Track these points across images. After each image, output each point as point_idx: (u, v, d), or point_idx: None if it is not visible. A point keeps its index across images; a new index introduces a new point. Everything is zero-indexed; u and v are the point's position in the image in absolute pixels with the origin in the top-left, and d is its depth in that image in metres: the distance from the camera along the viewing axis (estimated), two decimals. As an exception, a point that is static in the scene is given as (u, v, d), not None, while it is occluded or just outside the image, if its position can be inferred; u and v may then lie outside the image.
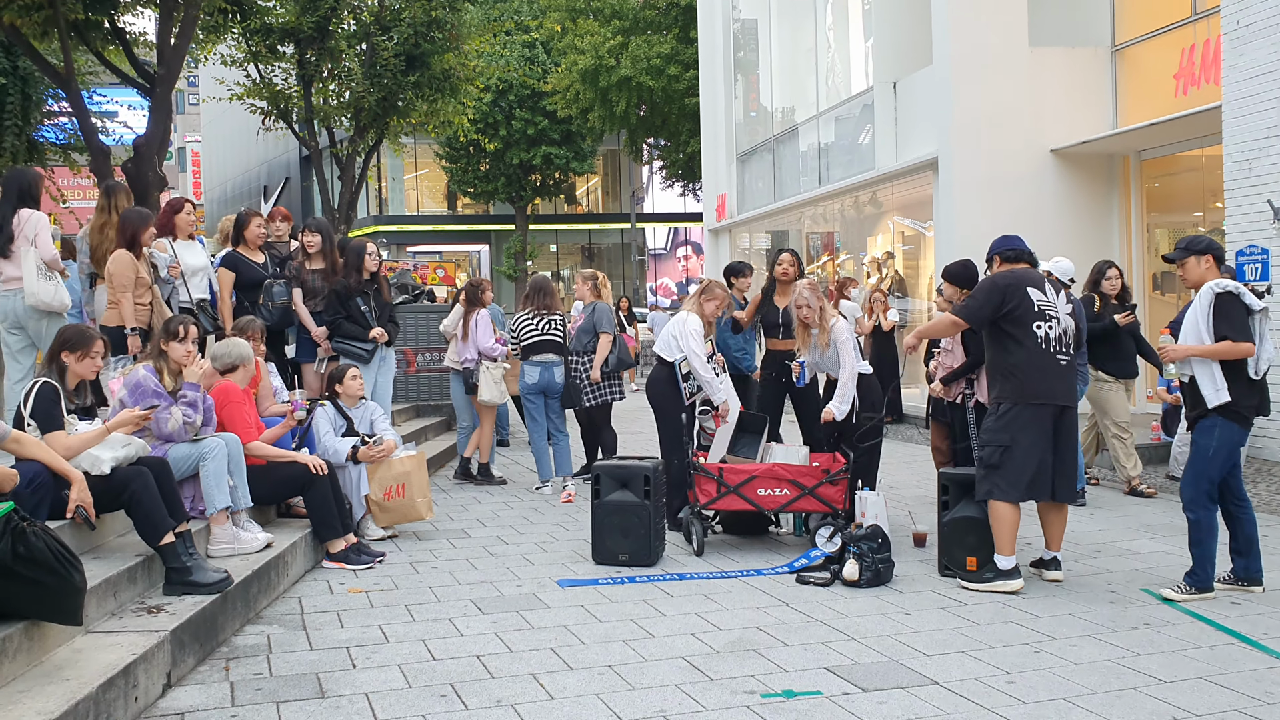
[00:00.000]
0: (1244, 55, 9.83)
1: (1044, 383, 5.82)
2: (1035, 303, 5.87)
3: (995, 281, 6.00)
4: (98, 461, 4.89)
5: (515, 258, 39.51)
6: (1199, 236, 5.96)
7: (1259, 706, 4.24)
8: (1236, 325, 5.62)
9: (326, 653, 4.94)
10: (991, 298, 5.93)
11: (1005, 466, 5.80)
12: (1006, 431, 5.82)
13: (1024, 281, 5.94)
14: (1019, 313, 5.85)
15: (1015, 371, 5.84)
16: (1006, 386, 5.88)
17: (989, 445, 5.89)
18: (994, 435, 5.89)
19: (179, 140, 52.24)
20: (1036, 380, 5.81)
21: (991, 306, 5.91)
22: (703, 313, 7.44)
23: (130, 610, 4.75)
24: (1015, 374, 5.84)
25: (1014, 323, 5.86)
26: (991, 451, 5.86)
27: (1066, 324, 5.96)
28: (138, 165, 13.01)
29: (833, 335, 7.02)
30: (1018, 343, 5.84)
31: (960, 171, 12.94)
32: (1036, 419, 5.80)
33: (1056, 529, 6.15)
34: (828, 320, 7.05)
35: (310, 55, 17.60)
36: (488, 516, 8.15)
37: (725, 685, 4.50)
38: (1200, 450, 5.77)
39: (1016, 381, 5.83)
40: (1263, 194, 9.64)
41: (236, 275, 8.29)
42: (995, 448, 5.84)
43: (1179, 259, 5.90)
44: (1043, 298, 5.91)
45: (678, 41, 28.01)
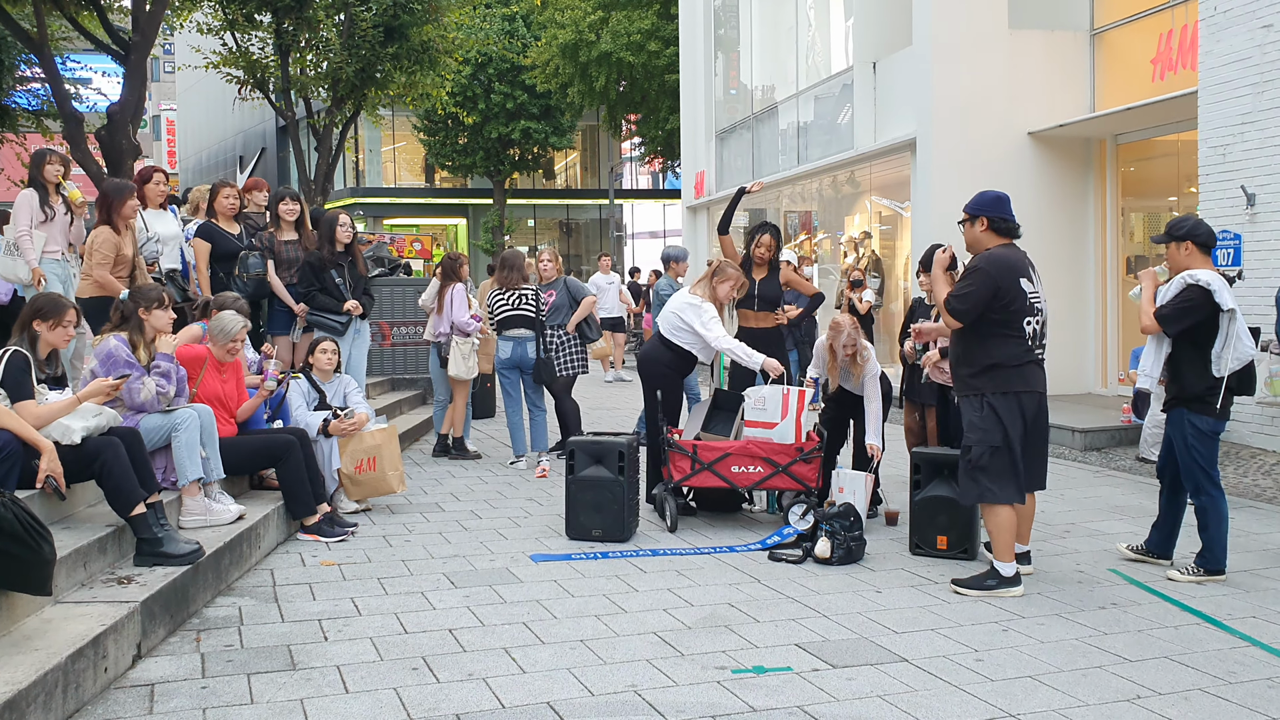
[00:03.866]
0: (1220, 41, 9.88)
1: (1030, 375, 5.50)
2: (1027, 295, 5.48)
3: (989, 272, 5.46)
4: (68, 431, 4.85)
5: (493, 232, 39.33)
6: (1183, 219, 5.89)
7: (1221, 685, 4.30)
8: (1171, 310, 5.65)
9: (298, 625, 4.94)
10: (984, 292, 5.43)
11: (996, 466, 5.45)
12: (996, 429, 5.44)
13: (1017, 271, 5.50)
14: (1014, 308, 5.45)
15: (1000, 366, 5.46)
16: (989, 379, 5.48)
17: (978, 444, 5.48)
18: (983, 434, 5.47)
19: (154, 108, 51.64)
20: (1023, 373, 5.48)
21: (983, 300, 5.44)
22: (715, 296, 7.31)
23: (100, 581, 4.73)
24: (1000, 368, 5.46)
25: (1006, 317, 5.46)
26: (981, 452, 5.47)
27: (1046, 312, 5.68)
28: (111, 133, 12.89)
29: (865, 369, 7.02)
30: (1005, 338, 5.47)
31: (938, 153, 12.96)
32: (1022, 409, 5.47)
33: (1028, 522, 5.89)
34: (861, 353, 7.03)
35: (288, 24, 17.45)
36: (462, 491, 8.15)
37: (696, 661, 4.53)
38: (1177, 442, 5.83)
39: (1001, 374, 5.46)
40: (1236, 179, 9.71)
41: (212, 246, 8.21)
42: (985, 447, 5.46)
43: (1164, 243, 5.89)
44: (1032, 288, 5.53)
45: (658, 18, 27.86)
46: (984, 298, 5.43)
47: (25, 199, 7.19)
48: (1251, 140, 9.59)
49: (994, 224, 5.64)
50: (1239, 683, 4.33)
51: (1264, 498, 8.09)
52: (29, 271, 7.11)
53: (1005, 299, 5.43)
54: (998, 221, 5.64)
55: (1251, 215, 9.56)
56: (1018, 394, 5.47)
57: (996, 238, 5.65)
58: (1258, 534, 6.90)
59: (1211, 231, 5.86)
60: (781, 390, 6.92)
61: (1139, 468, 9.19)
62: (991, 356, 5.48)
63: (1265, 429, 9.53)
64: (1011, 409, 5.45)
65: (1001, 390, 5.46)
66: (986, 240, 5.66)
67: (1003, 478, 5.47)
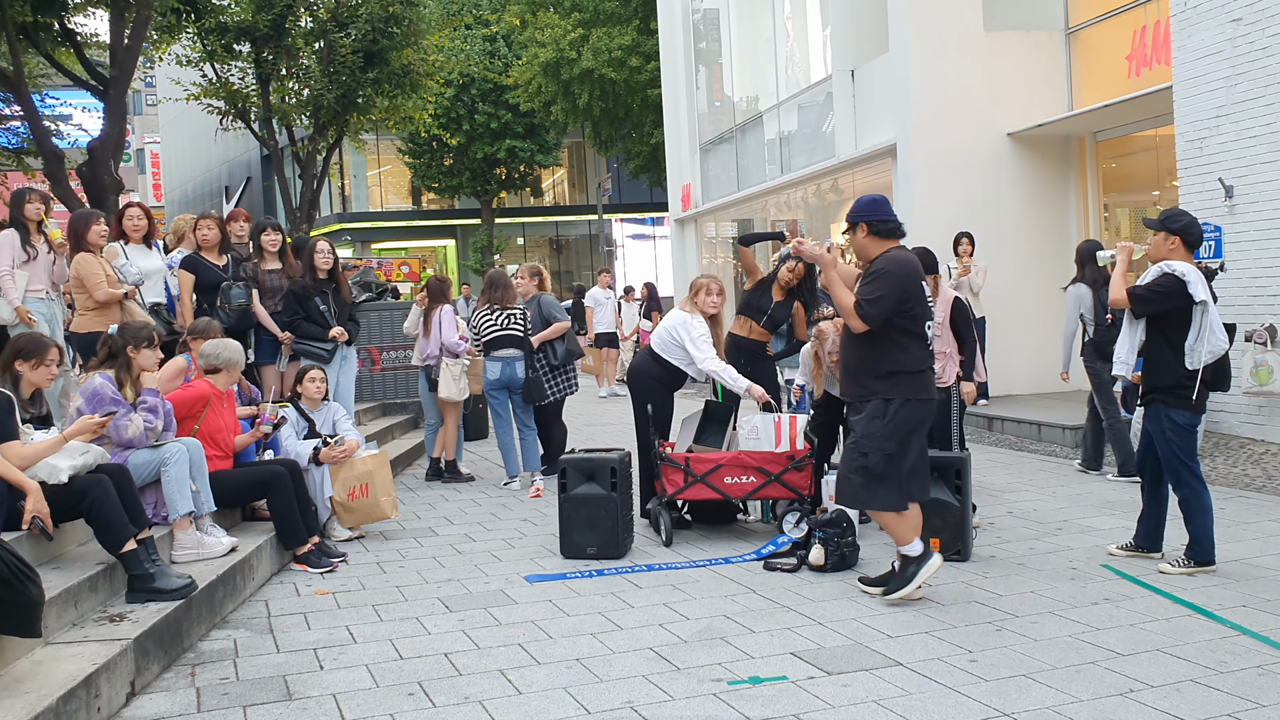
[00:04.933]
0: (1192, 36, 9.96)
1: (928, 382, 5.43)
2: (926, 299, 5.42)
3: (896, 274, 5.29)
4: (55, 470, 4.85)
5: (482, 252, 39.36)
6: (1180, 213, 5.90)
7: (1213, 676, 4.32)
8: (1144, 292, 5.69)
9: (294, 655, 4.94)
10: (894, 295, 5.27)
11: (891, 476, 5.34)
12: (893, 438, 5.31)
13: (919, 274, 5.40)
14: (916, 312, 5.34)
15: (903, 372, 5.34)
16: (891, 385, 5.33)
17: (874, 452, 5.32)
18: (882, 442, 5.32)
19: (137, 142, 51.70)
20: (923, 380, 5.40)
21: (894, 304, 5.28)
22: (702, 309, 7.36)
23: (92, 619, 4.72)
24: (903, 374, 5.34)
25: (908, 322, 5.34)
26: (878, 459, 5.32)
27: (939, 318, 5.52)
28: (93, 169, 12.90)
29: None
30: (907, 343, 5.35)
31: (919, 157, 13.02)
32: (924, 417, 5.40)
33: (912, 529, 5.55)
34: None
35: (267, 54, 17.51)
36: (455, 514, 8.14)
37: (693, 674, 4.53)
38: (1155, 436, 5.86)
39: (904, 381, 5.34)
40: (1214, 172, 9.77)
41: (196, 277, 8.23)
42: (881, 455, 5.32)
43: (1155, 229, 5.90)
44: (928, 292, 5.48)
45: (638, 33, 27.96)
46: (894, 300, 5.28)
47: (6, 239, 7.21)
48: (1227, 133, 9.65)
49: (874, 228, 5.48)
50: (1230, 672, 4.35)
51: (1253, 487, 8.12)
52: (12, 312, 7.12)
53: (910, 303, 5.32)
54: (877, 225, 5.47)
55: (1230, 207, 9.62)
56: (920, 401, 5.38)
57: (881, 241, 5.48)
58: (1248, 523, 6.93)
59: (1201, 233, 5.91)
60: (773, 419, 6.95)
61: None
62: (895, 362, 5.35)
63: (1253, 419, 9.57)
64: (914, 416, 5.36)
65: (904, 397, 5.33)
66: (872, 246, 5.50)
67: (894, 486, 5.36)
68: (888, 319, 5.29)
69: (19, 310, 7.11)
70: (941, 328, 7.11)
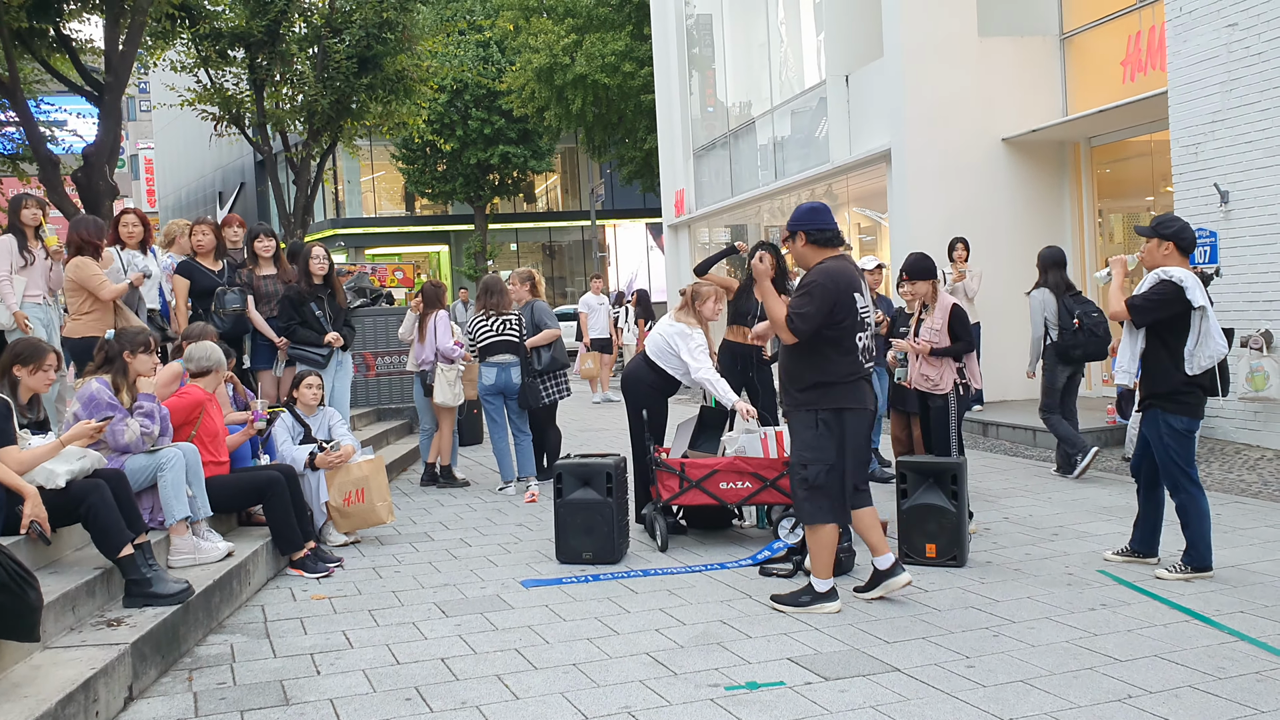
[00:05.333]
0: (1187, 42, 9.99)
1: (861, 392, 5.40)
2: (859, 310, 5.36)
3: (826, 286, 5.28)
4: (52, 475, 4.84)
5: (475, 257, 39.37)
6: (1172, 219, 5.92)
7: (1211, 681, 4.32)
8: (1144, 301, 5.70)
9: (290, 660, 4.93)
10: (823, 308, 5.26)
11: (831, 486, 5.34)
12: (830, 448, 5.32)
13: (852, 285, 5.35)
14: (846, 323, 5.31)
15: (832, 383, 5.33)
16: (821, 396, 5.33)
17: (813, 464, 5.33)
18: (818, 452, 5.32)
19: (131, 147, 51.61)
20: (854, 391, 5.38)
21: (824, 317, 5.27)
22: (702, 318, 7.36)
23: (90, 624, 4.71)
24: (832, 385, 5.33)
25: (838, 334, 5.32)
26: (817, 471, 5.32)
27: (875, 331, 5.53)
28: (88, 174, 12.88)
29: None
30: (837, 354, 5.33)
31: (913, 162, 13.05)
32: (852, 428, 5.37)
33: (876, 530, 5.62)
34: None
35: (261, 59, 17.48)
36: (451, 519, 8.14)
37: (690, 679, 4.53)
38: (1153, 441, 5.87)
39: (834, 392, 5.33)
40: (1209, 177, 9.80)
41: (191, 283, 8.23)
42: (821, 467, 5.32)
43: (1147, 236, 5.93)
44: (863, 302, 5.41)
45: (632, 39, 28.01)
46: (824, 312, 5.26)
47: (4, 245, 7.21)
48: (1223, 138, 9.69)
49: (812, 236, 5.47)
50: (1228, 678, 4.36)
51: (1249, 492, 8.13)
52: (9, 316, 7.11)
53: (839, 315, 5.29)
54: (815, 233, 5.46)
55: (1226, 212, 9.65)
56: (851, 411, 5.36)
57: (820, 250, 5.47)
58: (1244, 529, 6.94)
59: (1194, 237, 5.93)
60: (759, 435, 6.96)
61: (1125, 468, 9.20)
62: (824, 373, 5.34)
63: (1249, 424, 9.59)
64: (844, 426, 5.34)
65: (835, 407, 5.32)
66: (811, 255, 5.49)
67: (835, 497, 5.37)
68: (817, 331, 5.30)
69: (16, 315, 7.10)
70: (939, 334, 7.12)
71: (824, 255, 5.46)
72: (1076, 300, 8.80)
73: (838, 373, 5.33)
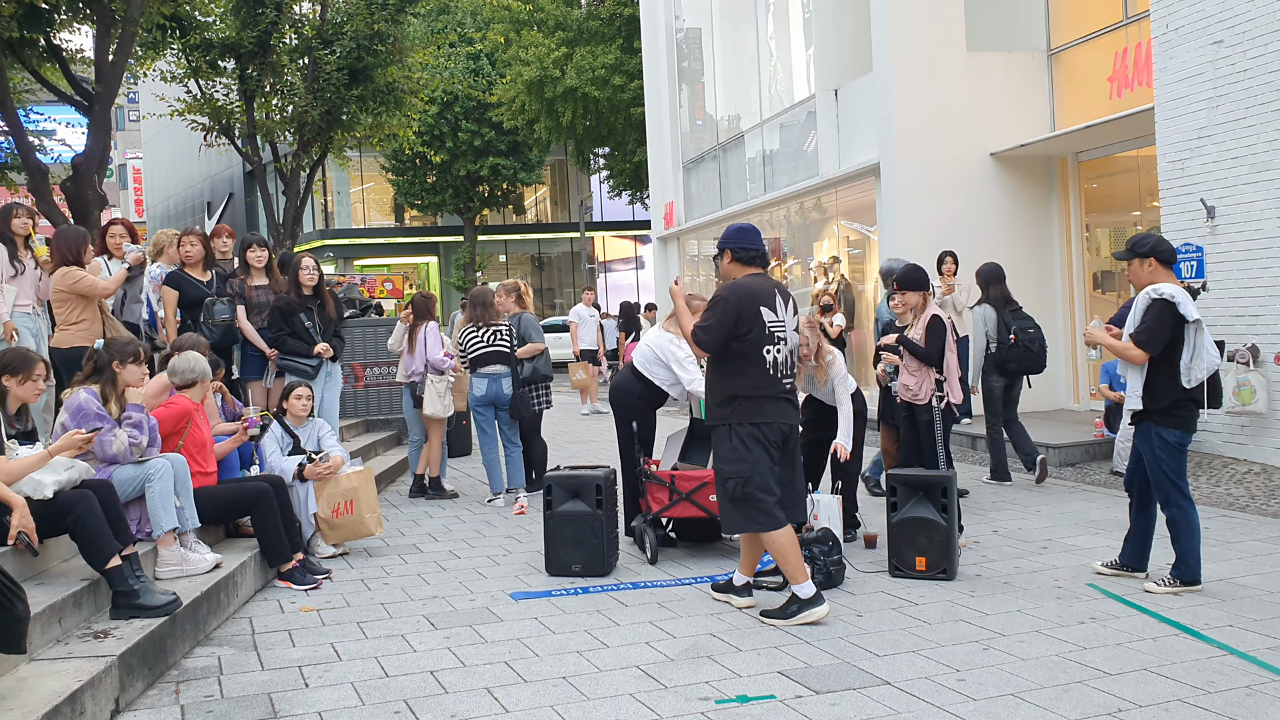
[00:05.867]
0: (1174, 58, 10.06)
1: (772, 406, 5.51)
2: (767, 324, 5.49)
3: (730, 301, 5.48)
4: (40, 486, 4.82)
5: (465, 269, 39.34)
6: (1145, 236, 5.97)
7: (1200, 695, 4.33)
8: (1146, 331, 5.72)
9: (278, 672, 4.90)
10: (725, 321, 5.45)
11: (755, 496, 5.44)
12: (744, 460, 5.45)
13: (758, 299, 5.50)
14: (751, 336, 5.45)
15: (742, 396, 5.48)
16: (733, 410, 5.49)
17: (730, 478, 5.48)
18: (733, 465, 5.48)
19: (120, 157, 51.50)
20: (765, 404, 5.49)
21: (726, 329, 5.46)
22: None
23: (76, 636, 4.68)
24: (742, 399, 5.48)
25: (744, 347, 5.46)
26: (736, 484, 5.46)
27: (793, 342, 5.70)
28: (77, 184, 12.84)
29: (831, 373, 7.03)
30: (745, 368, 5.47)
31: (902, 176, 13.09)
32: (766, 439, 5.47)
33: (755, 553, 5.79)
34: (824, 357, 7.05)
35: (252, 70, 17.49)
36: (439, 531, 8.11)
37: (680, 693, 4.52)
38: (1146, 454, 5.89)
39: (744, 405, 5.47)
40: (1196, 193, 9.86)
41: (180, 293, 8.20)
42: (739, 480, 5.45)
43: (1126, 259, 6.01)
44: (774, 317, 5.54)
45: (622, 52, 28.07)
46: (726, 327, 5.44)
47: None
48: (1209, 154, 9.75)
49: (737, 254, 5.69)
50: (1218, 692, 4.37)
51: (1236, 506, 8.16)
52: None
53: (743, 328, 5.44)
54: (740, 252, 5.69)
55: (1212, 228, 9.70)
56: (762, 424, 5.47)
57: (743, 267, 5.68)
58: (1232, 543, 6.96)
59: (1172, 248, 5.95)
60: None
61: (1114, 482, 9.25)
62: (734, 387, 5.50)
63: (1236, 438, 9.63)
64: (756, 439, 5.46)
65: (747, 421, 5.47)
66: (735, 271, 5.70)
67: (762, 506, 5.45)
68: (726, 345, 5.47)
69: (5, 325, 7.07)
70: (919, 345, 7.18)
71: (745, 272, 5.67)
72: (1016, 316, 9.17)
73: (749, 386, 5.48)
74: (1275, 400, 9.21)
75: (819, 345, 7.07)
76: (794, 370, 5.67)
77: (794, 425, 5.65)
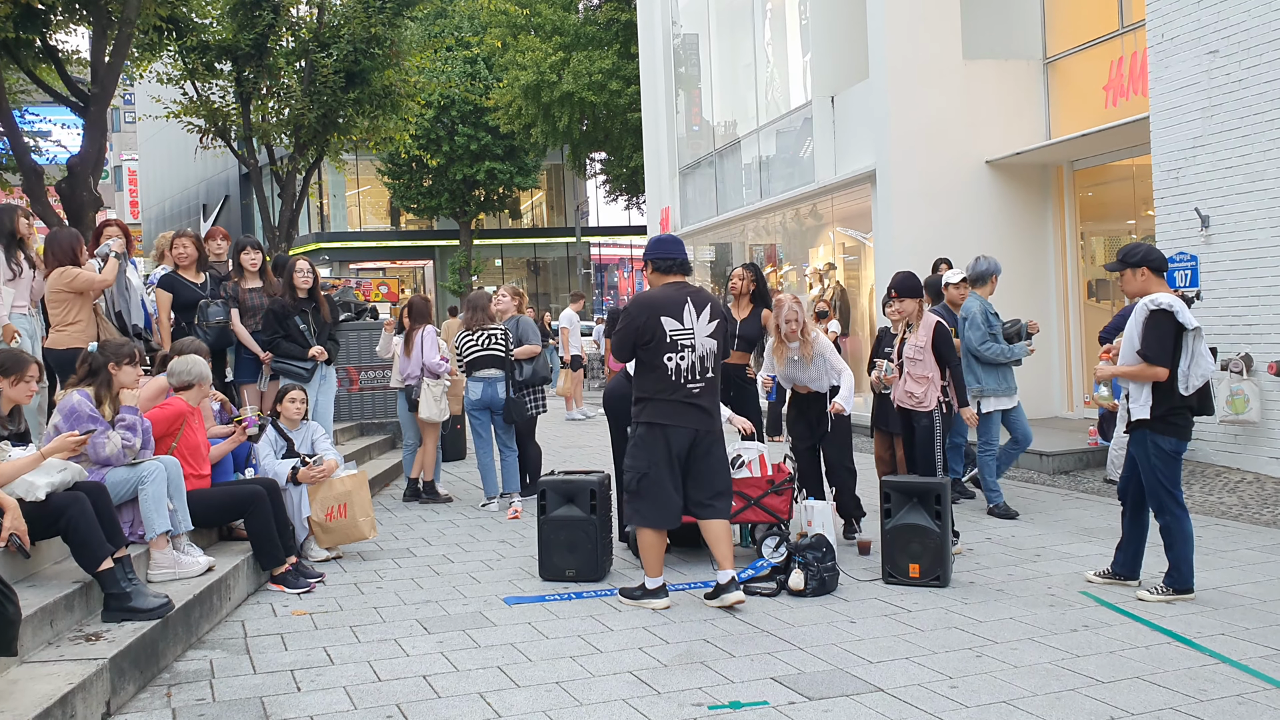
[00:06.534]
0: (1169, 68, 10.09)
1: (673, 410, 5.81)
2: (669, 333, 5.79)
3: (631, 312, 5.92)
4: (32, 488, 4.80)
5: (460, 273, 39.35)
6: (1135, 246, 5.99)
7: (1193, 704, 4.33)
8: (1154, 346, 5.72)
9: (270, 676, 4.89)
10: (627, 335, 5.89)
11: (646, 493, 5.83)
12: (643, 458, 5.84)
13: (659, 310, 5.82)
14: (651, 344, 5.81)
15: (646, 399, 5.87)
16: (639, 410, 5.91)
17: (629, 471, 5.92)
18: (633, 460, 5.90)
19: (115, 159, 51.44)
20: (666, 408, 5.82)
21: (630, 340, 5.88)
22: None
23: (68, 638, 4.67)
24: (646, 401, 5.87)
25: (646, 355, 5.85)
26: (631, 478, 5.89)
27: (705, 348, 5.86)
28: (72, 185, 12.82)
29: (817, 349, 7.12)
30: (648, 373, 5.86)
31: (898, 183, 13.11)
32: (666, 442, 5.79)
33: (723, 546, 5.93)
34: (809, 334, 7.15)
35: (248, 73, 17.46)
36: (433, 535, 8.10)
37: (673, 698, 4.52)
38: (1141, 462, 5.89)
39: (648, 407, 5.86)
40: (1190, 202, 9.88)
41: (174, 296, 8.19)
42: (634, 474, 5.87)
43: (1118, 270, 6.01)
44: (677, 326, 5.81)
45: (619, 57, 28.13)
46: (630, 336, 5.87)
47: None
48: (1203, 163, 9.77)
49: (656, 265, 6.03)
50: (1210, 700, 4.37)
51: (1229, 515, 8.18)
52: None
53: (645, 337, 5.81)
54: (659, 262, 6.02)
55: (1206, 237, 9.73)
56: (663, 427, 5.81)
57: (662, 276, 6.01)
58: (1225, 551, 6.98)
59: (1163, 256, 5.96)
60: (757, 451, 6.96)
61: (1107, 489, 9.27)
62: (641, 389, 5.92)
63: (1229, 447, 9.64)
64: (657, 440, 5.82)
65: (648, 421, 5.85)
66: (655, 281, 6.04)
67: (651, 503, 5.83)
68: (634, 353, 5.92)
69: (5, 328, 7.05)
70: (923, 352, 7.13)
71: (664, 281, 6.00)
72: None
73: (652, 389, 5.86)
74: (1268, 409, 9.23)
75: (804, 324, 7.14)
76: (704, 376, 5.91)
77: (702, 430, 5.89)
